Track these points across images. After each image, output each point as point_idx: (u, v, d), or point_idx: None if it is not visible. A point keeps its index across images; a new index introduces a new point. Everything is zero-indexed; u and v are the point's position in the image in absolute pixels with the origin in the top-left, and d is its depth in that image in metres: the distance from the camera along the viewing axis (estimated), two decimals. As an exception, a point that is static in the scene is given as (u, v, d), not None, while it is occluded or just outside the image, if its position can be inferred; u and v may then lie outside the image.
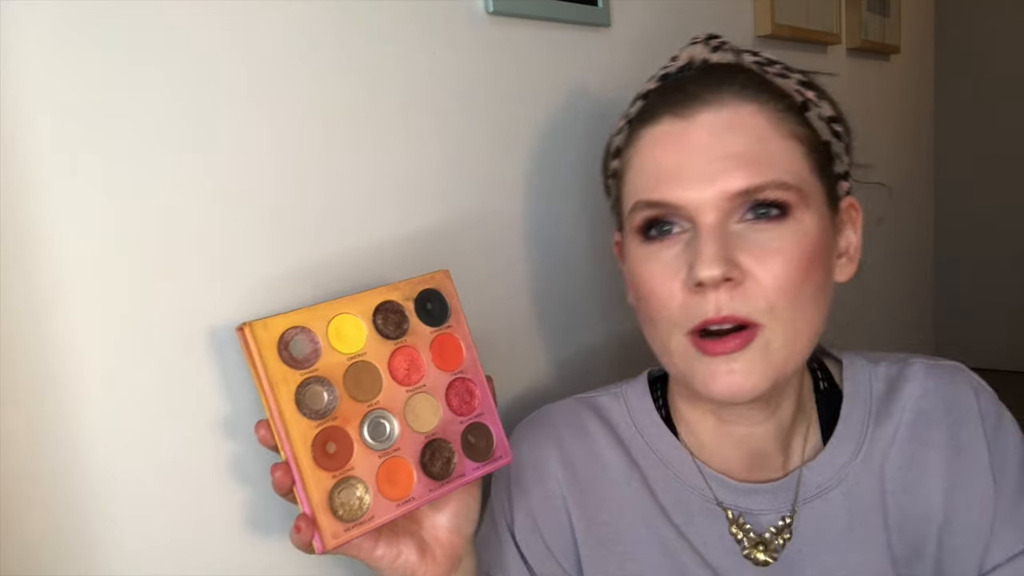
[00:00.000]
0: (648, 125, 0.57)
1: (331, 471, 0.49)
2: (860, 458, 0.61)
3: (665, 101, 0.57)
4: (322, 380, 0.50)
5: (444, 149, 0.71)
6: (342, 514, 0.49)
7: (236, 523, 0.55)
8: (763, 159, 0.53)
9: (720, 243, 0.52)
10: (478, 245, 0.75)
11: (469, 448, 0.55)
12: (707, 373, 0.54)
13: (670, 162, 0.55)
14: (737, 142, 0.53)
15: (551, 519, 0.64)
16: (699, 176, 0.53)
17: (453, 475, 0.54)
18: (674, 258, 0.55)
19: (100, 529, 0.48)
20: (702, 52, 0.60)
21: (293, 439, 0.48)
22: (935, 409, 0.62)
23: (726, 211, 0.53)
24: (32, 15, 0.45)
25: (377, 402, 0.52)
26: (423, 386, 0.54)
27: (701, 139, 0.54)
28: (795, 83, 0.58)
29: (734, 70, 0.57)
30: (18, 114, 0.44)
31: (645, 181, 0.56)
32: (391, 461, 0.51)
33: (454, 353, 0.56)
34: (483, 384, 0.57)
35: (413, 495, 0.52)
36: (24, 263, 0.45)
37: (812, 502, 0.61)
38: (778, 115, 0.55)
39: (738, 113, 0.54)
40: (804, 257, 0.53)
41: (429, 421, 0.54)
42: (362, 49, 0.63)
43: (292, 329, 0.49)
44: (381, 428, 0.52)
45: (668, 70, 0.61)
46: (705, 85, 0.55)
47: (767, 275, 0.52)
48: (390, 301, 0.54)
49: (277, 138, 0.57)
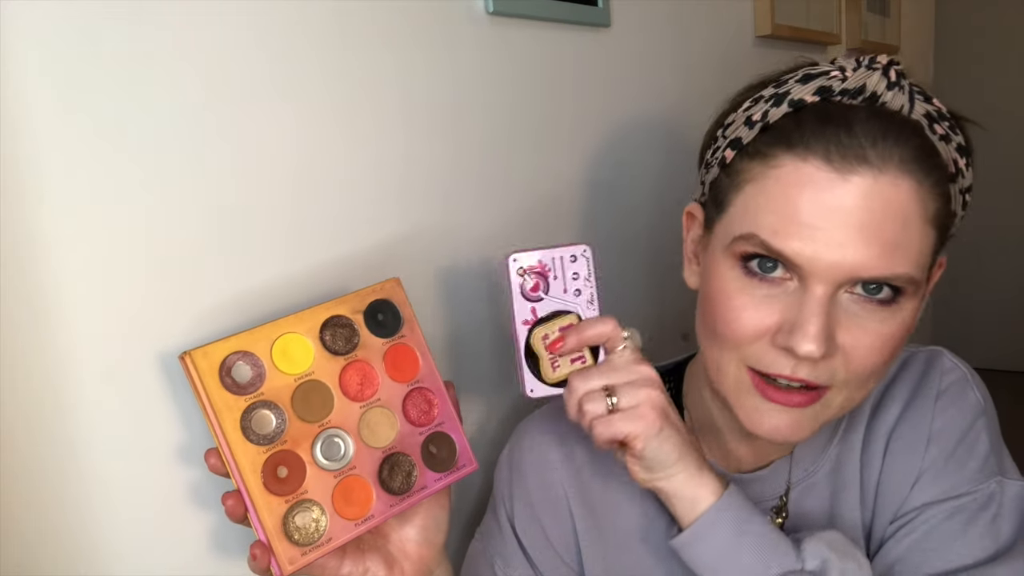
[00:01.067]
0: (793, 155, 0.50)
1: (283, 496, 0.48)
2: (839, 437, 0.62)
3: (822, 137, 0.49)
4: (269, 404, 0.49)
5: (444, 149, 0.70)
6: (298, 538, 0.48)
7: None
8: (901, 248, 0.49)
9: (825, 320, 0.49)
10: (478, 245, 0.74)
11: (430, 459, 0.54)
12: (757, 412, 0.53)
13: (806, 213, 0.49)
14: (885, 219, 0.48)
15: (551, 511, 0.64)
16: (829, 243, 0.48)
17: (414, 488, 0.53)
18: (767, 299, 0.52)
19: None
20: (878, 84, 0.51)
21: (242, 467, 0.47)
22: (898, 388, 0.61)
23: (839, 284, 0.50)
24: (32, 14, 0.44)
25: (328, 421, 0.51)
26: (377, 400, 0.53)
27: (847, 203, 0.48)
28: (954, 149, 0.52)
29: (907, 131, 0.50)
30: (18, 114, 0.44)
31: (772, 219, 0.50)
32: (347, 480, 0.50)
33: (409, 363, 0.55)
34: (442, 392, 0.56)
35: (372, 513, 0.51)
36: (23, 264, 0.45)
37: (800, 485, 0.62)
38: (928, 196, 0.50)
39: (897, 188, 0.49)
40: (897, 341, 0.52)
41: (386, 435, 0.53)
42: (362, 49, 0.63)
43: (233, 354, 0.48)
44: (335, 447, 0.51)
45: (830, 84, 0.52)
46: (871, 140, 0.49)
47: (856, 353, 0.51)
48: (337, 316, 0.53)
49: (277, 139, 0.57)
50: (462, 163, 0.72)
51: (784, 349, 0.51)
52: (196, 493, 0.52)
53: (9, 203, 0.44)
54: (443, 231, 0.71)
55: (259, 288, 0.56)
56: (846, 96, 0.52)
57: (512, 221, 0.78)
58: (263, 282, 0.56)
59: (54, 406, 0.46)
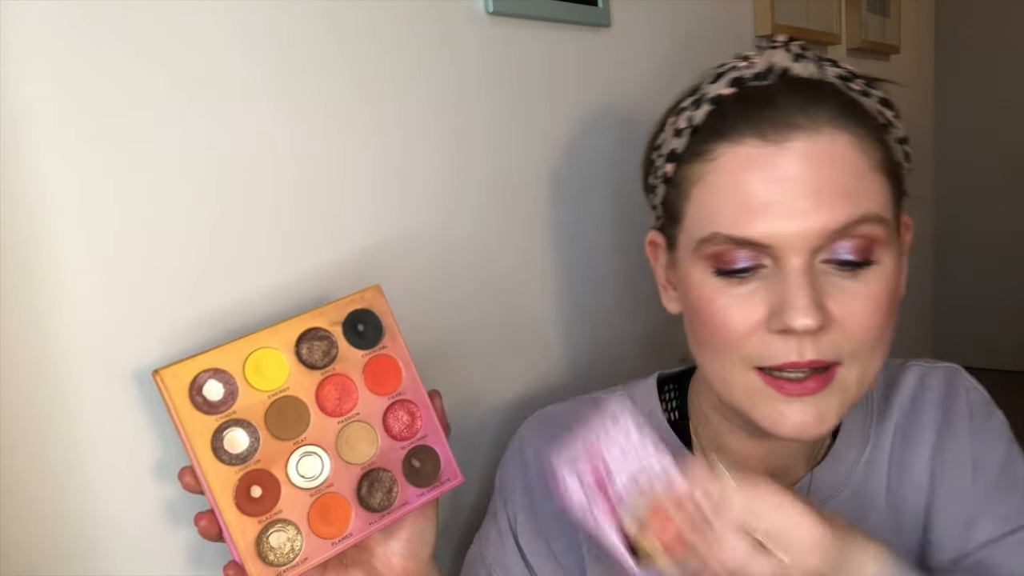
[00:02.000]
0: (728, 142, 0.51)
1: (257, 516, 0.47)
2: (864, 459, 0.60)
3: (749, 118, 0.50)
4: (241, 422, 0.48)
5: (444, 149, 0.69)
6: (272, 559, 0.47)
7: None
8: (860, 193, 0.49)
9: (811, 289, 0.48)
10: (478, 245, 0.74)
11: (413, 473, 0.53)
12: (777, 413, 0.51)
13: (758, 193, 0.49)
14: (833, 174, 0.49)
15: (554, 519, 0.62)
16: (791, 211, 0.48)
17: (395, 505, 0.52)
18: (750, 294, 0.51)
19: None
20: (783, 60, 0.53)
21: (213, 487, 0.46)
22: (925, 407, 0.60)
23: (812, 251, 0.49)
24: (32, 14, 0.44)
25: (304, 438, 0.49)
26: (356, 414, 0.51)
27: (792, 170, 0.48)
28: (876, 102, 0.53)
29: (827, 91, 0.51)
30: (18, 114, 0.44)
31: (727, 211, 0.50)
32: (324, 498, 0.49)
33: (391, 375, 0.53)
34: (425, 404, 0.54)
35: (350, 531, 0.50)
36: (23, 264, 0.45)
37: (828, 502, 0.59)
38: (868, 145, 0.50)
39: (834, 143, 0.49)
40: (886, 300, 0.51)
41: (365, 451, 0.51)
42: (362, 49, 0.62)
43: (204, 372, 0.47)
44: (311, 465, 0.50)
45: (741, 73, 0.53)
46: (798, 106, 0.49)
47: (852, 321, 0.50)
48: (314, 328, 0.51)
49: (276, 139, 0.56)
50: (462, 163, 0.71)
51: (781, 332, 0.49)
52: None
53: (6, 206, 0.44)
54: (442, 232, 0.70)
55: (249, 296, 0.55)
56: (759, 79, 0.53)
57: (513, 220, 0.77)
58: (254, 290, 0.56)
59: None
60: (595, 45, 0.86)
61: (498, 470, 0.66)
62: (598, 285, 0.88)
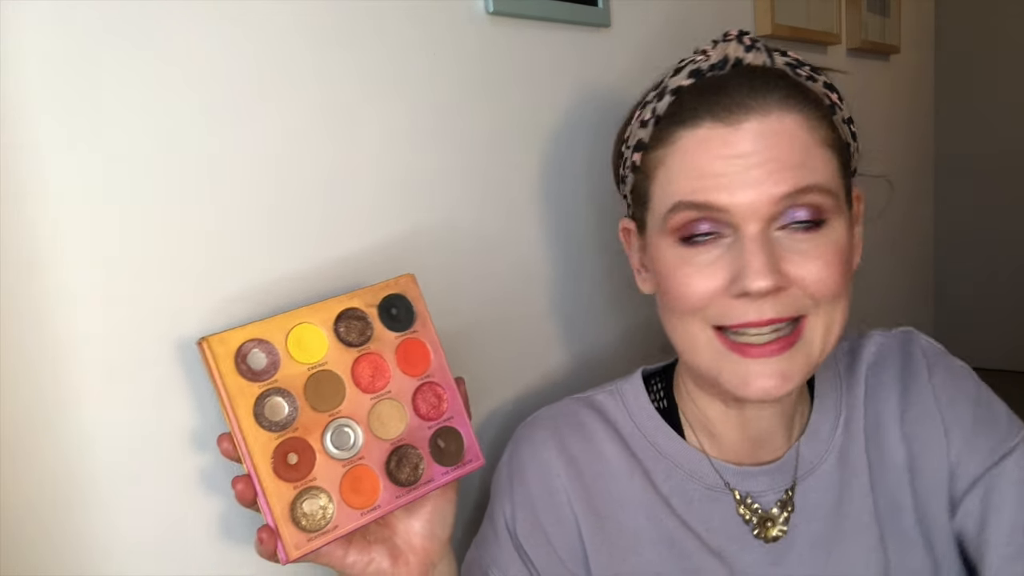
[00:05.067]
0: (687, 127, 0.56)
1: (292, 482, 0.49)
2: (841, 427, 0.65)
3: (706, 103, 0.55)
4: (282, 391, 0.50)
5: (444, 149, 0.71)
6: (305, 524, 0.49)
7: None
8: (808, 165, 0.54)
9: (767, 253, 0.53)
10: (478, 244, 0.75)
11: (438, 453, 0.55)
12: (742, 374, 0.55)
13: (715, 167, 0.54)
14: (782, 149, 0.53)
15: (555, 516, 0.64)
16: (745, 181, 0.53)
17: (421, 481, 0.54)
18: (712, 261, 0.55)
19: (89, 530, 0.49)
20: (736, 50, 0.59)
21: (253, 451, 0.48)
22: (886, 368, 0.65)
23: (769, 218, 0.53)
24: (33, 13, 0.45)
25: (339, 411, 0.52)
26: (388, 392, 0.54)
27: (746, 147, 0.53)
28: (821, 86, 0.59)
29: (775, 76, 0.57)
30: (18, 114, 0.45)
31: (688, 183, 0.55)
32: (356, 469, 0.51)
33: (421, 358, 0.56)
34: (452, 387, 0.57)
35: (379, 503, 0.52)
36: (24, 264, 0.46)
37: (807, 478, 0.63)
38: (816, 124, 0.55)
39: (783, 123, 0.54)
40: (839, 260, 0.55)
41: (395, 427, 0.54)
42: (362, 49, 0.63)
43: (249, 342, 0.49)
44: (345, 437, 0.52)
45: (698, 65, 0.59)
46: (749, 91, 0.55)
47: (809, 278, 0.54)
48: (352, 308, 0.54)
49: (275, 140, 0.57)
50: (463, 163, 0.73)
51: (741, 297, 0.54)
52: (207, 478, 0.54)
53: (19, 192, 0.45)
54: (446, 229, 0.71)
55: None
56: (715, 70, 0.58)
57: (513, 220, 0.79)
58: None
59: (62, 394, 0.47)
60: (595, 45, 0.87)
61: (494, 475, 0.68)
62: (604, 281, 0.89)
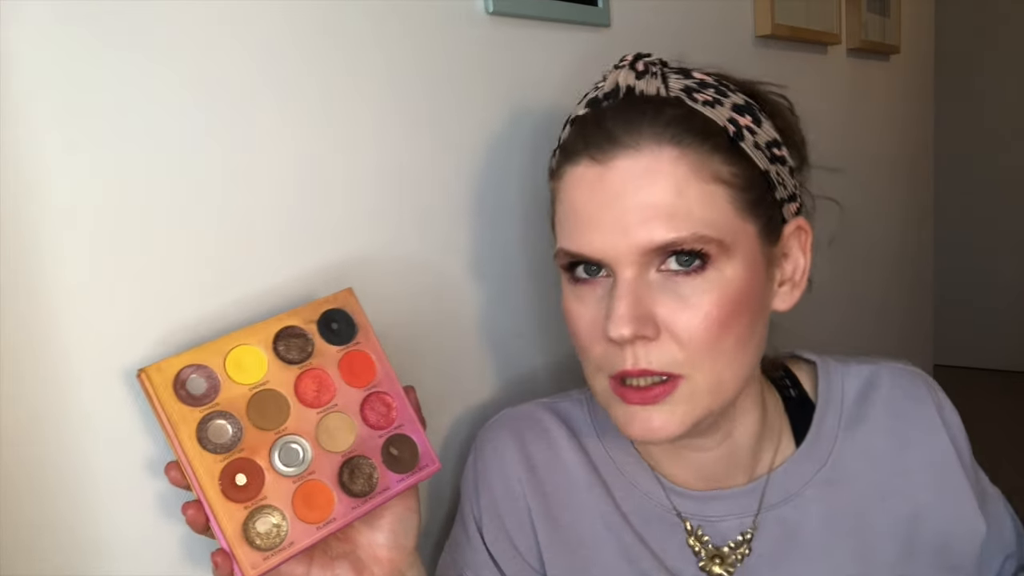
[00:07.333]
0: (570, 163, 0.55)
1: (242, 502, 0.49)
2: (830, 464, 0.61)
3: (585, 139, 0.54)
4: (224, 413, 0.50)
5: (444, 149, 0.71)
6: (259, 543, 0.49)
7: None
8: (680, 211, 0.50)
9: (631, 301, 0.50)
10: (478, 243, 0.75)
11: (392, 460, 0.55)
12: (625, 416, 0.54)
13: (586, 211, 0.53)
14: (653, 192, 0.50)
15: (516, 519, 0.64)
16: (613, 228, 0.51)
17: (376, 490, 0.54)
18: (597, 302, 0.54)
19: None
20: (627, 78, 0.55)
21: (199, 476, 0.48)
22: (904, 415, 0.62)
23: (643, 264, 0.51)
24: (32, 14, 0.45)
25: (285, 428, 0.52)
26: (335, 405, 0.54)
27: (616, 187, 0.51)
28: (728, 109, 0.54)
29: (656, 107, 0.53)
30: (18, 114, 0.45)
31: (566, 228, 0.55)
32: (307, 484, 0.51)
33: (365, 369, 0.56)
34: (400, 395, 0.57)
35: (334, 516, 0.52)
36: (24, 265, 0.46)
37: (778, 508, 0.61)
38: (700, 158, 0.51)
39: (657, 159, 0.51)
40: (724, 309, 0.51)
41: (344, 439, 0.54)
42: (361, 49, 0.64)
43: (187, 368, 0.50)
44: (293, 453, 0.52)
45: (596, 94, 0.57)
46: (623, 125, 0.52)
47: (683, 330, 0.51)
48: (290, 326, 0.54)
49: (275, 140, 0.58)
50: (462, 163, 0.73)
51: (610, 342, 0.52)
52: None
53: (6, 205, 0.45)
54: (443, 230, 0.71)
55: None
56: (608, 100, 0.55)
57: (513, 220, 0.79)
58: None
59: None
60: (595, 45, 0.87)
61: (462, 477, 0.68)
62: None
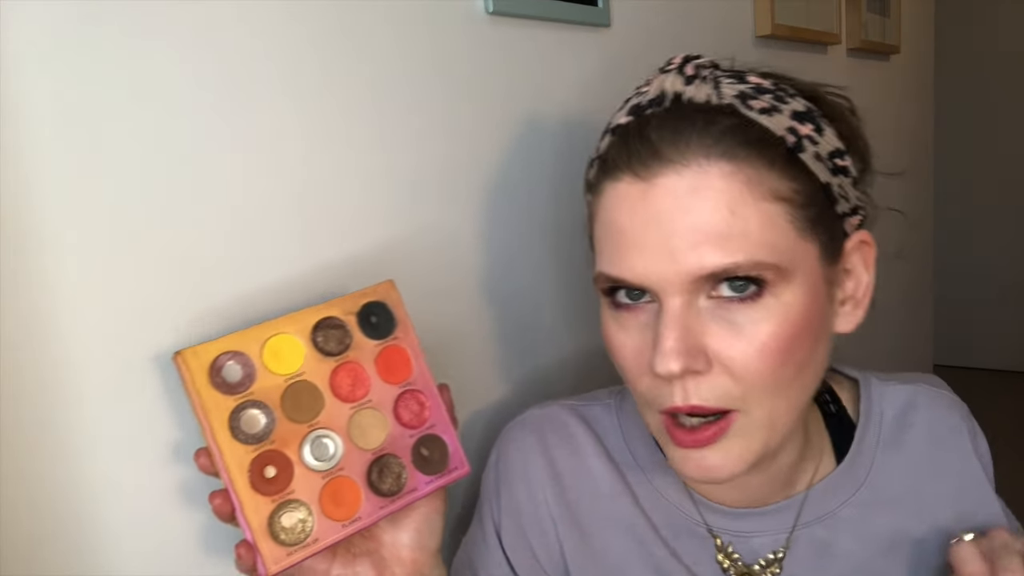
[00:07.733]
0: (610, 178, 0.50)
1: (270, 495, 0.48)
2: (868, 483, 0.60)
3: (627, 152, 0.48)
4: (258, 403, 0.49)
5: (445, 149, 0.71)
6: (284, 538, 0.48)
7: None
8: (735, 233, 0.45)
9: (679, 333, 0.46)
10: (478, 245, 0.74)
11: (421, 461, 0.54)
12: (680, 458, 0.51)
13: (628, 233, 0.48)
14: (703, 213, 0.45)
15: (537, 526, 0.63)
16: (659, 252, 0.46)
17: (404, 491, 0.53)
18: (642, 330, 0.50)
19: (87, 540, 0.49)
20: (674, 83, 0.50)
21: (229, 465, 0.47)
22: (940, 442, 0.61)
23: (692, 291, 0.47)
24: (32, 14, 0.45)
25: (318, 421, 0.51)
26: (368, 401, 0.53)
27: (661, 207, 0.46)
28: (788, 117, 0.49)
29: (706, 116, 0.48)
30: (18, 114, 0.45)
31: (607, 250, 0.50)
32: (335, 481, 0.51)
33: (401, 365, 0.55)
34: (434, 395, 0.56)
35: (360, 514, 0.51)
36: (24, 265, 0.46)
37: (813, 527, 0.59)
38: (756, 173, 0.46)
39: (706, 176, 0.46)
40: (783, 338, 0.47)
41: (376, 437, 0.53)
42: (360, 49, 0.63)
43: (224, 355, 0.49)
44: (324, 448, 0.51)
45: (639, 100, 0.52)
46: (669, 136, 0.47)
47: (737, 363, 0.47)
48: (330, 317, 0.53)
49: (275, 140, 0.57)
50: (461, 163, 0.72)
51: (657, 376, 0.47)
52: (187, 492, 0.53)
53: (9, 201, 0.45)
54: (443, 231, 0.71)
55: (260, 289, 0.57)
56: (652, 107, 0.50)
57: (513, 220, 0.78)
58: (265, 283, 0.57)
59: (50, 404, 0.47)
60: (595, 45, 0.87)
61: (483, 475, 0.66)
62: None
